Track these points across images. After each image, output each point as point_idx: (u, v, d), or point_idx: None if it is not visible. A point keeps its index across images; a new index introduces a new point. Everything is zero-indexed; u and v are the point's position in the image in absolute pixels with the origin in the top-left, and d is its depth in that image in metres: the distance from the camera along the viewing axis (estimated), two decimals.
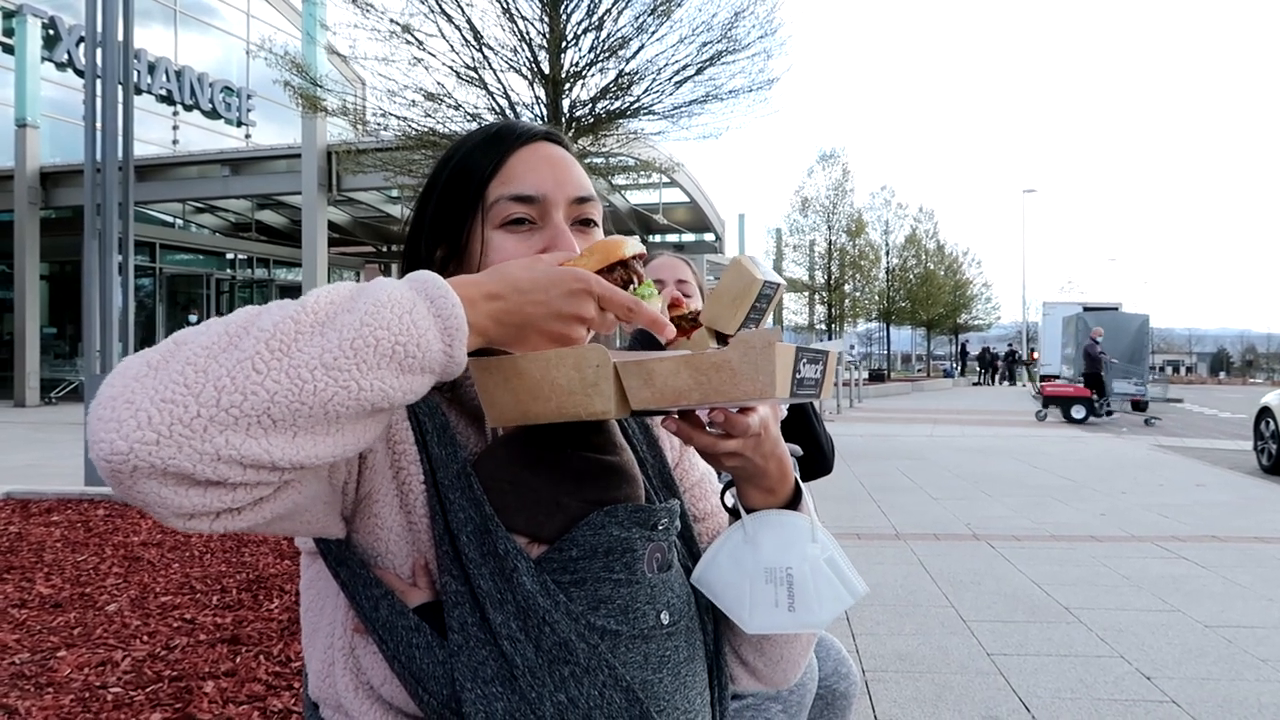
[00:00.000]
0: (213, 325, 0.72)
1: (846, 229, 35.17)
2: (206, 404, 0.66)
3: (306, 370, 0.68)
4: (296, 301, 0.73)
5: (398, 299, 0.73)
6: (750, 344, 0.80)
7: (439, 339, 0.74)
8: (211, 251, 22.64)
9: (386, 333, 0.71)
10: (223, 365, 0.67)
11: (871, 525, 6.83)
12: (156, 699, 2.99)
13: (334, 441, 0.73)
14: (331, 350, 0.69)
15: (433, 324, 0.73)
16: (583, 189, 1.02)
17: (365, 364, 0.70)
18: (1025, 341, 45.76)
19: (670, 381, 0.81)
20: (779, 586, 0.95)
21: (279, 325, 0.70)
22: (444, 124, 10.81)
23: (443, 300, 0.74)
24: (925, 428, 16.20)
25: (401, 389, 0.73)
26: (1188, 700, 3.41)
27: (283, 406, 0.68)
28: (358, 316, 0.71)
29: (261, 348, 0.68)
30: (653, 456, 1.10)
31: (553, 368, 0.82)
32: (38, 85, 18.25)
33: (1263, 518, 7.34)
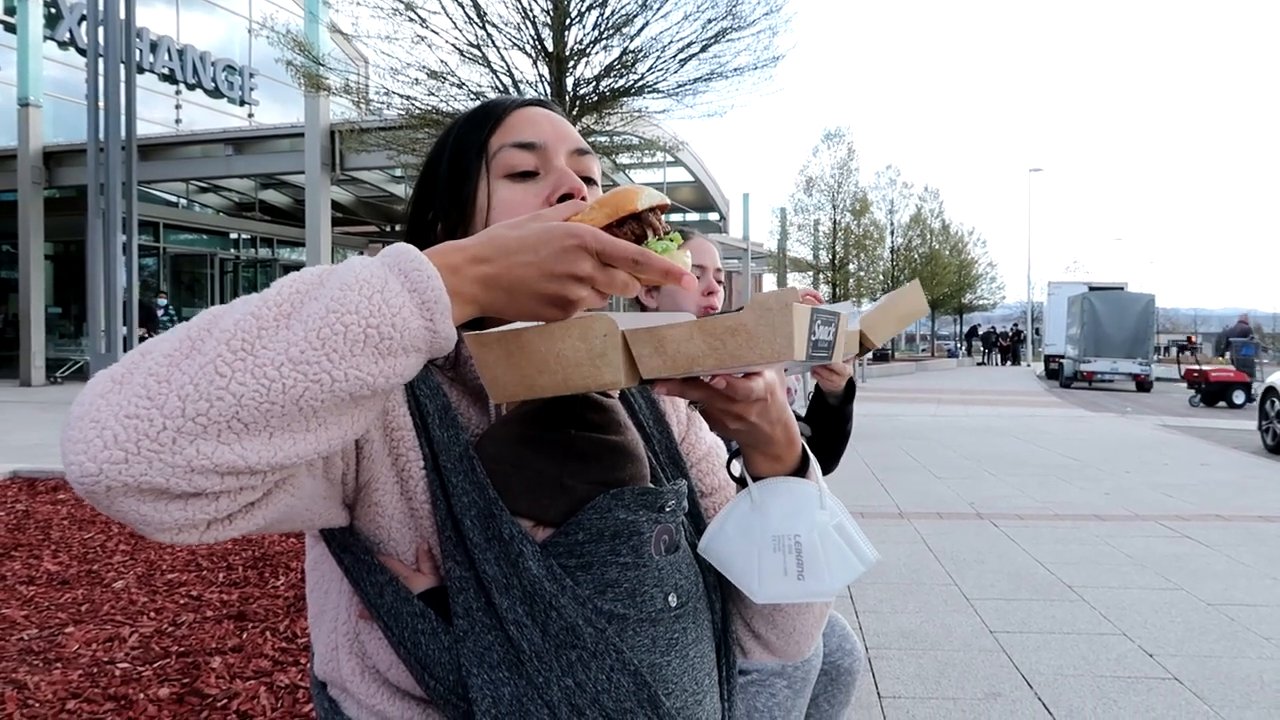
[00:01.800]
0: (176, 331, 0.68)
1: (851, 208, 35.05)
2: (172, 415, 0.63)
3: (273, 368, 0.65)
4: (260, 294, 0.70)
5: (366, 278, 0.68)
6: (766, 305, 0.76)
7: (417, 315, 0.69)
8: (215, 231, 22.61)
9: (355, 317, 0.67)
10: (185, 372, 0.64)
11: (875, 504, 6.84)
12: (164, 674, 3.01)
13: (317, 437, 0.69)
14: (297, 343, 0.66)
15: (408, 300, 0.69)
16: (581, 142, 1.03)
17: (336, 353, 0.66)
18: (1030, 321, 45.64)
19: (683, 348, 0.78)
20: (787, 554, 0.93)
21: (240, 323, 0.66)
22: (447, 102, 10.76)
23: (417, 273, 0.70)
24: (929, 407, 16.20)
25: (384, 373, 0.69)
26: (1190, 678, 3.42)
27: (252, 408, 0.65)
28: (323, 303, 0.67)
29: (223, 349, 0.65)
30: (659, 432, 1.09)
31: (557, 339, 0.79)
32: (40, 64, 18.18)
33: (1267, 497, 7.35)
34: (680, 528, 0.99)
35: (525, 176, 0.99)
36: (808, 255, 35.46)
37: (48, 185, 18.33)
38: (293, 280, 0.70)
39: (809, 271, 36.09)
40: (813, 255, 35.47)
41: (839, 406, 2.08)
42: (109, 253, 7.42)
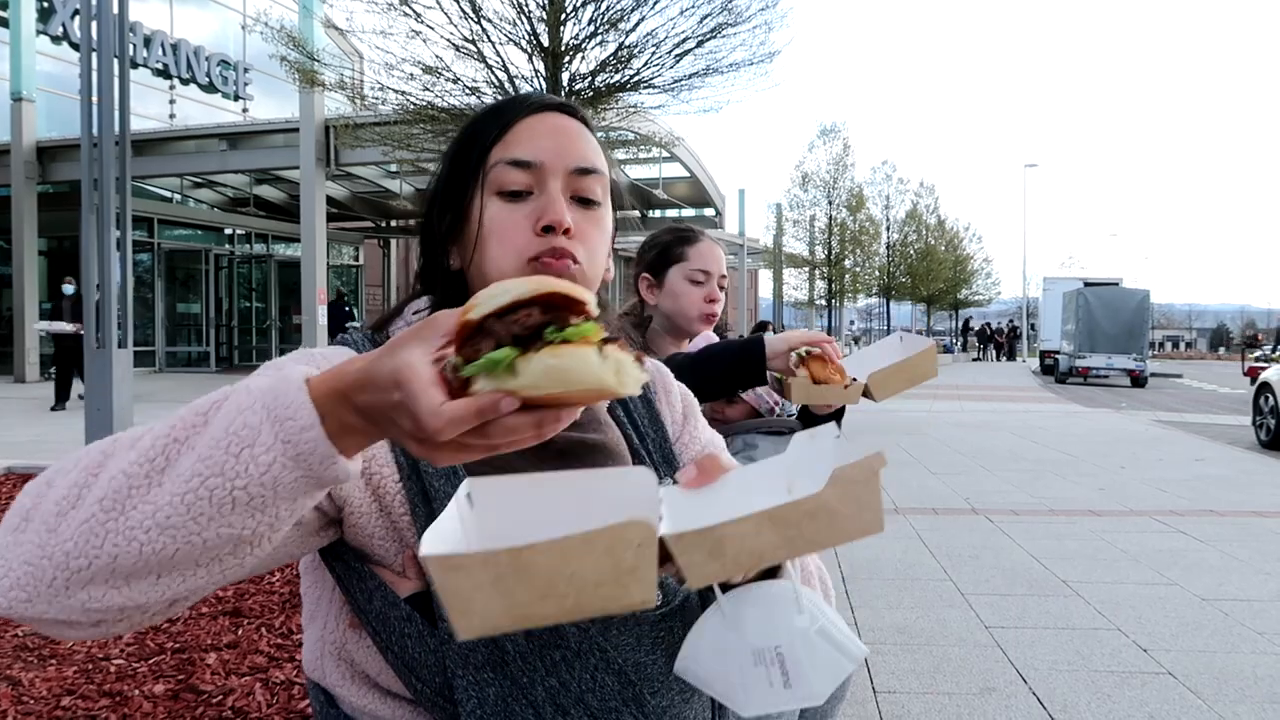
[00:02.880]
0: (75, 466, 0.70)
1: (847, 204, 35.13)
2: (60, 567, 0.66)
3: (141, 531, 0.65)
4: (148, 435, 0.69)
5: (239, 429, 0.66)
6: (851, 479, 0.66)
7: (291, 469, 0.65)
8: (210, 227, 22.55)
9: (220, 480, 0.65)
10: (69, 526, 0.67)
11: None
12: (159, 670, 3.01)
13: (209, 571, 0.70)
14: (164, 508, 0.65)
15: (280, 453, 0.65)
16: (584, 161, 0.98)
17: (204, 517, 0.65)
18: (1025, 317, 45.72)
19: (749, 545, 0.66)
20: (770, 667, 0.85)
21: (114, 481, 0.67)
22: (442, 97, 10.76)
23: (291, 422, 0.65)
24: (924, 403, 16.22)
25: (265, 524, 0.68)
26: (1184, 672, 3.43)
27: (127, 566, 0.66)
28: (192, 461, 0.66)
29: (97, 509, 0.66)
30: (654, 431, 1.09)
31: (574, 556, 0.61)
32: (33, 59, 18.12)
33: (1261, 492, 7.37)
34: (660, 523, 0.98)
35: (517, 196, 0.96)
36: (803, 251, 35.49)
37: (41, 180, 18.28)
38: (175, 423, 0.69)
39: (804, 267, 36.13)
40: (808, 251, 35.51)
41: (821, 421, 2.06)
42: (103, 248, 7.39)
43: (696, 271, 2.10)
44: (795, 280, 37.66)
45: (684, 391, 1.18)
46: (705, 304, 2.10)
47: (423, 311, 1.02)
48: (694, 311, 2.09)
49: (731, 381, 1.84)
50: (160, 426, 0.70)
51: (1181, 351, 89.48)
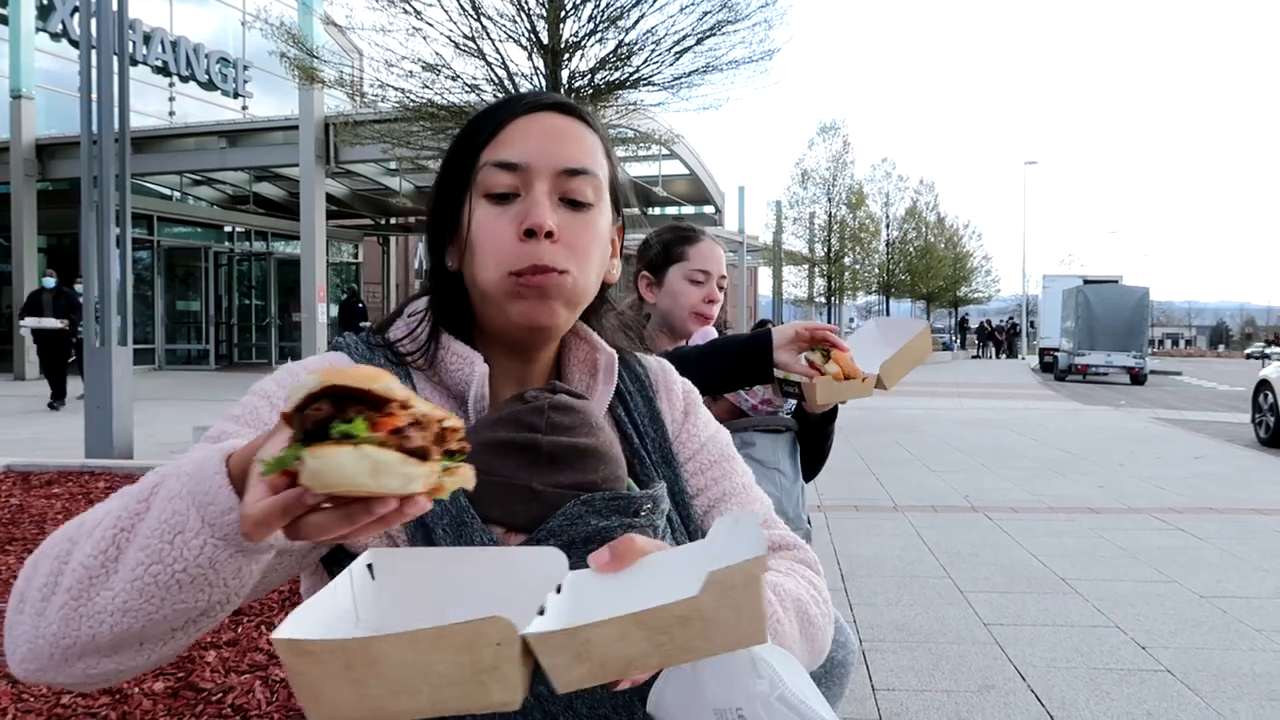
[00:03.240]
0: (47, 552, 0.76)
1: (846, 201, 35.10)
2: (52, 645, 0.73)
3: (107, 615, 0.71)
4: (101, 524, 0.73)
5: (169, 516, 0.70)
6: (729, 583, 0.62)
7: (222, 549, 0.69)
8: (209, 224, 22.54)
9: (162, 567, 0.70)
10: (51, 611, 0.73)
11: (870, 497, 6.86)
12: (159, 669, 3.01)
13: (187, 633, 0.76)
14: (121, 596, 0.71)
15: (209, 536, 0.69)
16: (572, 162, 0.95)
17: (157, 598, 0.70)
18: (1025, 314, 45.72)
19: (616, 650, 0.62)
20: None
21: (76, 572, 0.73)
22: (442, 95, 10.75)
23: (212, 507, 0.68)
24: (924, 400, 16.22)
25: (218, 595, 0.73)
26: (1182, 669, 3.44)
27: (106, 643, 0.72)
28: (136, 551, 0.71)
29: (68, 598, 0.72)
30: (654, 430, 1.07)
31: (428, 651, 0.59)
32: (32, 56, 18.10)
33: (1259, 490, 7.38)
34: (659, 531, 0.96)
35: (504, 199, 0.94)
36: (803, 248, 35.48)
37: (40, 178, 18.27)
38: (125, 508, 0.73)
39: (804, 265, 36.11)
40: (808, 248, 35.49)
41: (818, 425, 2.05)
42: (102, 246, 7.39)
43: (696, 271, 2.09)
44: (795, 278, 37.65)
45: (687, 388, 1.16)
46: (704, 304, 2.09)
47: (419, 315, 1.01)
48: (690, 311, 2.09)
49: (738, 376, 1.83)
50: (111, 513, 0.74)
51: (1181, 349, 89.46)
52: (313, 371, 0.63)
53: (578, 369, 1.05)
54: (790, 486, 1.97)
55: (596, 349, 1.04)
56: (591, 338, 1.05)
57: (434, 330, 0.99)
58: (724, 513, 1.06)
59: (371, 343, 1.00)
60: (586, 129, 1.00)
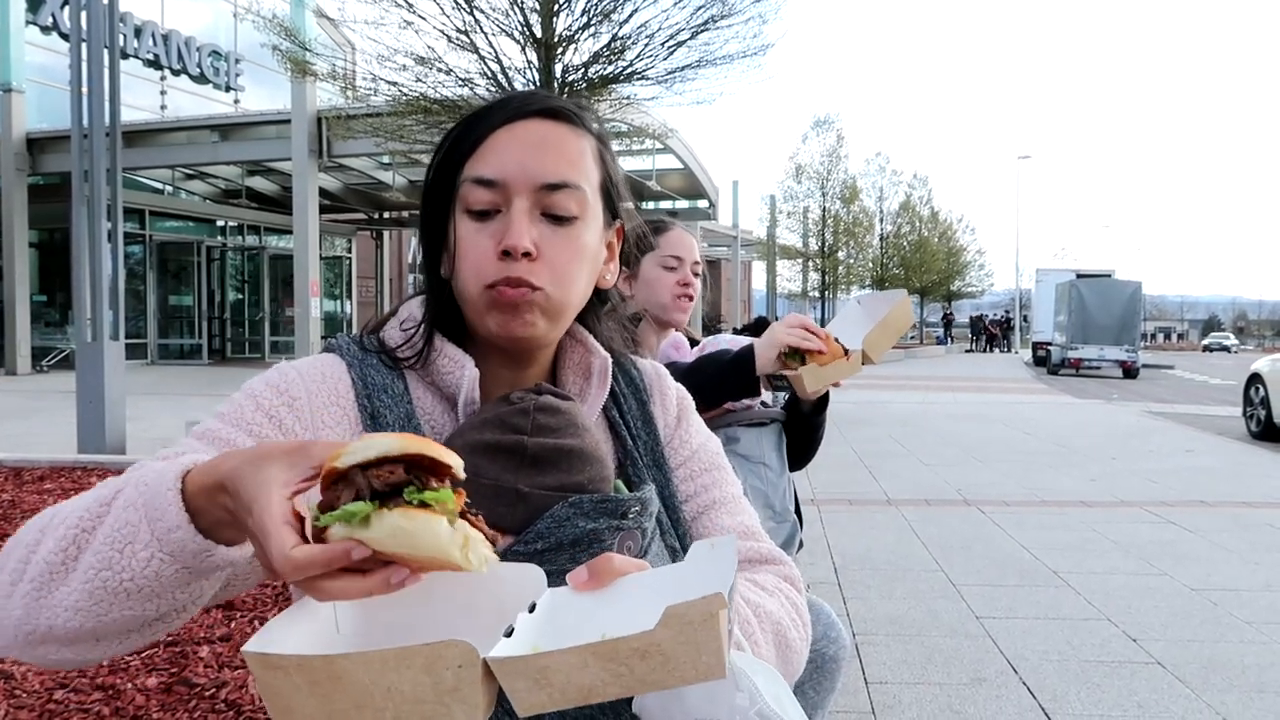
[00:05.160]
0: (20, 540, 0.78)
1: (840, 196, 35.08)
2: (15, 629, 0.76)
3: (64, 611, 0.73)
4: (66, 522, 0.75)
5: (122, 526, 0.72)
6: (686, 619, 0.62)
7: (169, 563, 0.71)
8: (202, 218, 22.46)
9: (111, 574, 0.72)
10: (16, 598, 0.75)
11: (863, 491, 6.87)
12: (152, 664, 3.01)
13: (142, 635, 0.78)
14: (74, 595, 0.73)
15: (156, 550, 0.71)
16: (553, 176, 0.93)
17: (106, 603, 0.73)
18: (1019, 308, 45.81)
19: (574, 678, 0.63)
20: None
21: (38, 566, 0.74)
22: (435, 89, 10.72)
23: (160, 522, 0.71)
24: (917, 394, 16.26)
25: (166, 606, 0.75)
26: (1172, 662, 3.46)
27: (63, 635, 0.74)
28: (90, 555, 0.73)
29: (30, 588, 0.74)
30: (646, 433, 1.07)
31: (390, 670, 0.60)
32: (22, 49, 17.99)
33: (1250, 483, 7.41)
34: (646, 533, 0.95)
35: (484, 215, 0.93)
36: (797, 243, 35.48)
37: (31, 172, 18.17)
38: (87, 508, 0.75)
39: (798, 259, 36.12)
40: (802, 243, 35.49)
41: (809, 415, 2.05)
42: (94, 240, 7.36)
43: (669, 258, 2.12)
44: (789, 272, 37.64)
45: (681, 394, 1.16)
46: (679, 288, 2.11)
47: (414, 318, 1.01)
48: (668, 297, 2.11)
49: (725, 393, 1.85)
50: (77, 511, 0.75)
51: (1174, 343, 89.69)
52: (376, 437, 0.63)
53: (572, 372, 1.05)
54: (777, 480, 1.97)
55: (591, 352, 1.04)
56: (587, 341, 1.05)
57: (429, 335, 0.99)
58: (714, 521, 1.07)
59: (366, 345, 1.00)
60: (575, 133, 0.97)
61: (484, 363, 0.98)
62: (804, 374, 1.73)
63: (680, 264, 2.13)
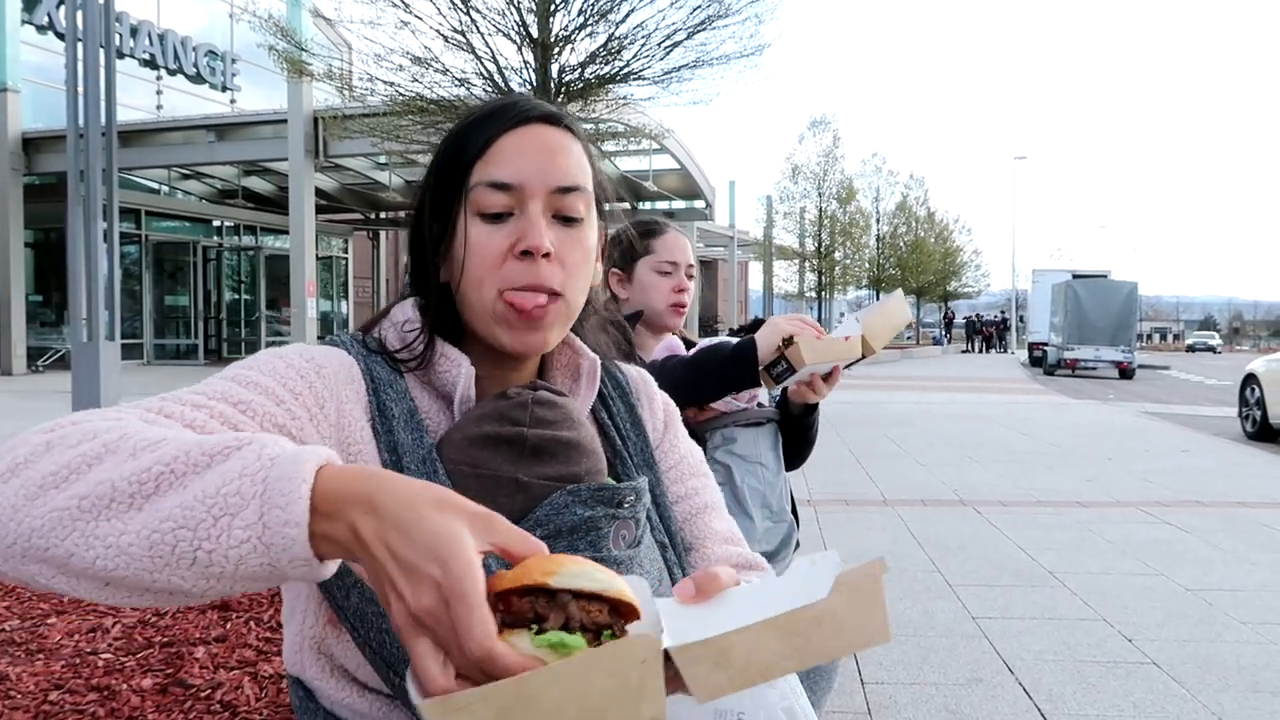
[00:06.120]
0: (76, 444, 0.69)
1: (837, 196, 35.15)
2: (21, 536, 0.66)
3: (100, 545, 0.65)
4: (151, 452, 0.67)
5: (229, 494, 0.64)
6: (856, 586, 0.65)
7: (259, 555, 0.63)
8: (198, 218, 22.43)
9: (191, 535, 0.63)
10: (44, 505, 0.66)
11: (859, 491, 6.88)
12: (147, 664, 3.00)
13: (151, 599, 0.69)
14: (128, 535, 0.64)
15: (253, 537, 0.63)
16: (567, 179, 0.97)
17: (160, 560, 0.64)
18: (1015, 309, 45.89)
19: (755, 656, 0.64)
20: None
21: (100, 486, 0.66)
22: (431, 89, 10.72)
23: (279, 512, 0.63)
24: (913, 395, 16.28)
25: (204, 591, 0.67)
26: (1168, 661, 3.46)
27: (78, 567, 0.65)
28: (172, 505, 0.64)
29: (73, 505, 0.65)
30: (635, 434, 1.10)
31: (579, 680, 0.58)
32: (17, 49, 17.95)
33: (1246, 483, 7.42)
34: (640, 524, 0.97)
35: (497, 218, 0.95)
36: (794, 243, 35.52)
37: (27, 171, 18.14)
38: (186, 450, 0.67)
39: (795, 259, 36.15)
40: (799, 243, 35.53)
41: (799, 417, 2.06)
42: (90, 240, 7.34)
43: (663, 263, 2.12)
44: (785, 272, 37.70)
45: (667, 401, 1.19)
46: (674, 294, 2.12)
47: (411, 322, 1.02)
48: (663, 303, 2.11)
49: (726, 384, 1.84)
50: (166, 444, 0.68)
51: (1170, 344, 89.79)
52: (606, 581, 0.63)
53: (560, 373, 1.08)
54: (774, 479, 1.98)
55: (579, 354, 1.07)
56: (574, 343, 1.07)
57: (430, 339, 1.00)
58: (707, 524, 1.10)
59: (369, 345, 1.01)
60: (573, 139, 1.00)
61: (478, 363, 0.99)
62: (801, 344, 1.73)
63: (675, 269, 2.13)
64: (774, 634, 0.64)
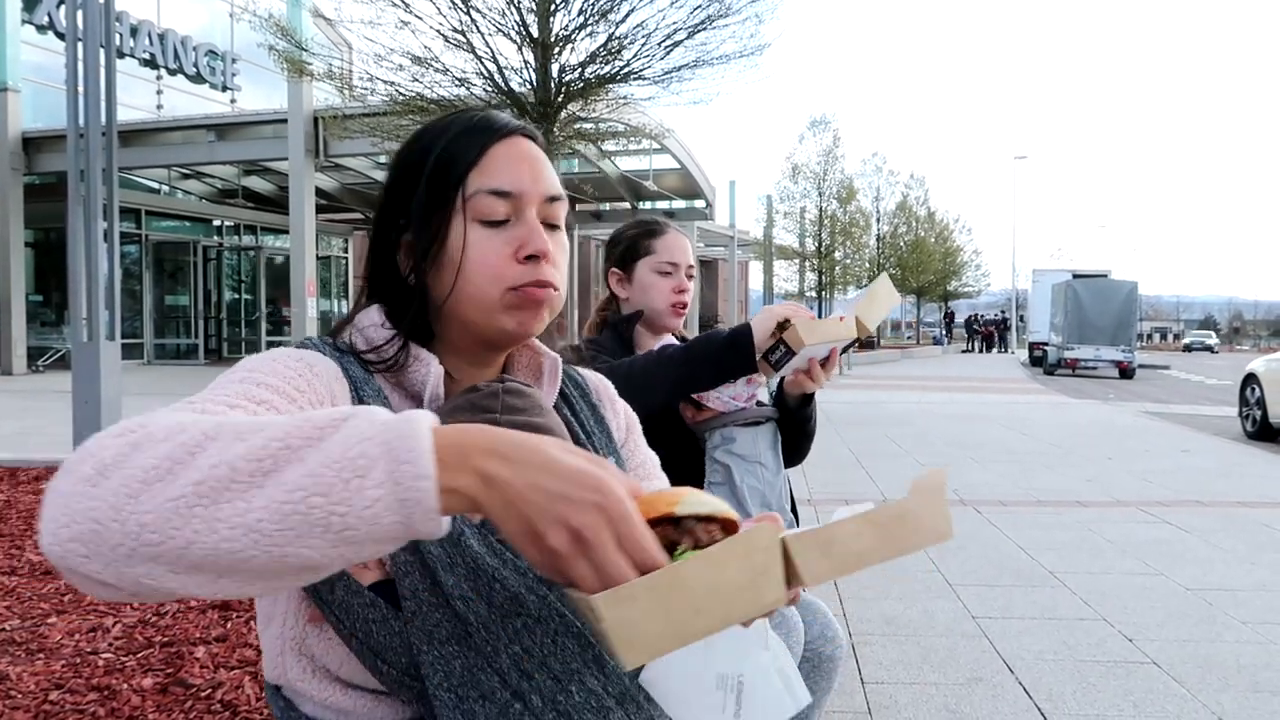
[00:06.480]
0: (169, 440, 0.68)
1: (837, 196, 35.12)
2: (130, 535, 0.64)
3: (226, 528, 0.64)
4: (258, 433, 0.67)
5: (355, 456, 0.65)
6: (927, 488, 0.76)
7: (391, 512, 0.64)
8: (198, 218, 22.43)
9: (324, 500, 0.64)
10: (153, 499, 0.64)
11: (859, 491, 6.87)
12: (148, 664, 3.01)
13: (262, 586, 0.68)
14: (257, 512, 0.64)
15: (386, 494, 0.64)
16: (554, 189, 1.04)
17: (293, 532, 0.64)
18: (1015, 309, 45.88)
19: (852, 546, 0.73)
20: (729, 693, 0.90)
21: (216, 470, 0.65)
22: (431, 89, 10.72)
23: (408, 466, 0.64)
24: (914, 394, 16.28)
25: (338, 558, 0.67)
26: (1168, 661, 3.46)
27: (198, 556, 0.64)
28: (299, 475, 0.64)
29: (190, 491, 0.64)
30: (600, 431, 1.14)
31: (719, 567, 0.67)
32: (17, 48, 17.95)
33: (1246, 483, 7.42)
34: None
35: (497, 224, 1.01)
36: (794, 243, 35.51)
37: (27, 171, 18.14)
38: (289, 428, 0.67)
39: (795, 259, 36.15)
40: (799, 243, 35.52)
41: (796, 409, 2.06)
42: (90, 240, 7.34)
43: (664, 264, 2.12)
44: (786, 272, 37.68)
45: (627, 409, 1.24)
46: (674, 295, 2.12)
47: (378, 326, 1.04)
48: (663, 303, 2.11)
49: (723, 370, 1.84)
50: (271, 425, 0.68)
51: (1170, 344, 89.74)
52: None
53: (523, 372, 1.13)
54: (773, 479, 1.98)
55: (540, 353, 1.12)
56: (534, 343, 1.13)
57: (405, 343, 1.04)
58: None
59: (341, 348, 1.04)
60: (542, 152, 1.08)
61: (445, 362, 1.04)
62: (797, 325, 1.75)
63: (676, 269, 2.13)
64: (869, 526, 0.74)
